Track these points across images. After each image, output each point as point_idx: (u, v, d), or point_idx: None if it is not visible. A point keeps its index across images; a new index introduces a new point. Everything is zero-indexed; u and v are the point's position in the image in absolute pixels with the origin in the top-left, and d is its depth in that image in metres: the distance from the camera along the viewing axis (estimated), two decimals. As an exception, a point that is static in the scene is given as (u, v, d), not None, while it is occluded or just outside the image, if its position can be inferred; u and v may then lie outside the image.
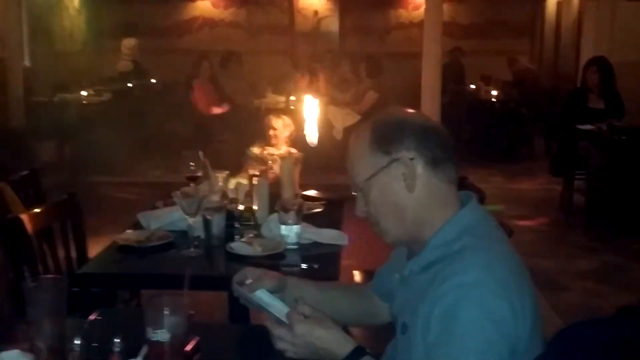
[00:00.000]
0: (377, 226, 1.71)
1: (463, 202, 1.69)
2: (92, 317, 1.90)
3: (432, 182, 1.64)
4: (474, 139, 10.32)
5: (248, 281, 1.83)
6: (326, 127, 7.44)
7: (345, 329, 1.74)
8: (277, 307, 1.70)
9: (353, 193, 1.72)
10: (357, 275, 3.71)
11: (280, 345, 1.65)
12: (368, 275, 3.79)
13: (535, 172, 8.87)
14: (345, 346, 1.63)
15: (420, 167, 1.62)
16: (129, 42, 10.79)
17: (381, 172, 1.64)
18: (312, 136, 3.66)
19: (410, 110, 1.75)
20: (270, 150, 4.99)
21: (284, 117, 5.17)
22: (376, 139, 1.65)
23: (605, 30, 8.18)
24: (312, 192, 3.80)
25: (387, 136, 1.64)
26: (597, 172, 6.36)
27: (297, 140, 5.17)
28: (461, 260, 1.55)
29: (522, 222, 6.69)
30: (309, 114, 3.81)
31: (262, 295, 1.75)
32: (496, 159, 9.65)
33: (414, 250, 1.71)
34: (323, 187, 4.20)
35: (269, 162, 4.86)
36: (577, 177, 6.99)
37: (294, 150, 4.97)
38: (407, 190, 1.63)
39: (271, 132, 5.01)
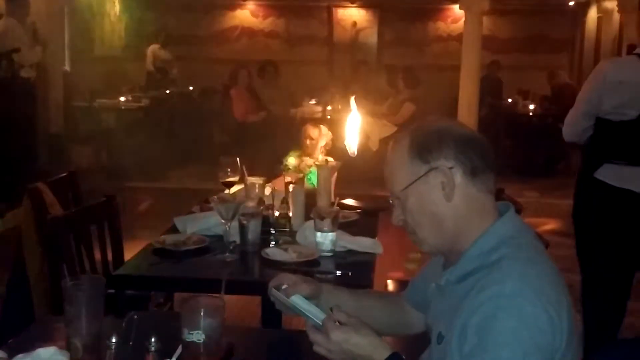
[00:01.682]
0: (414, 235, 1.70)
1: (501, 212, 1.68)
2: (129, 316, 1.92)
3: (471, 192, 1.63)
4: (510, 153, 10.25)
5: (284, 286, 1.84)
6: (362, 138, 7.44)
7: None
8: (313, 312, 1.71)
9: (390, 201, 1.72)
10: (391, 285, 3.71)
11: (317, 349, 1.66)
12: (401, 284, 3.78)
13: (572, 187, 8.73)
14: (382, 353, 1.62)
15: (459, 177, 1.61)
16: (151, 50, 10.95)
17: (419, 181, 1.63)
18: (352, 146, 3.65)
19: (450, 120, 1.74)
20: (307, 160, 4.99)
21: (321, 126, 5.17)
22: (415, 147, 1.64)
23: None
24: (349, 201, 3.80)
25: (426, 145, 1.63)
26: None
27: (333, 149, 5.18)
28: (498, 271, 1.54)
29: (557, 237, 6.61)
30: (350, 124, 3.80)
31: (298, 301, 1.76)
32: (533, 174, 9.56)
33: (451, 260, 1.70)
34: (359, 197, 4.20)
35: (305, 171, 4.86)
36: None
37: (331, 159, 4.98)
38: (446, 199, 1.62)
39: (308, 141, 5.02)
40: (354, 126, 3.78)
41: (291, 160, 5.04)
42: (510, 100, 10.81)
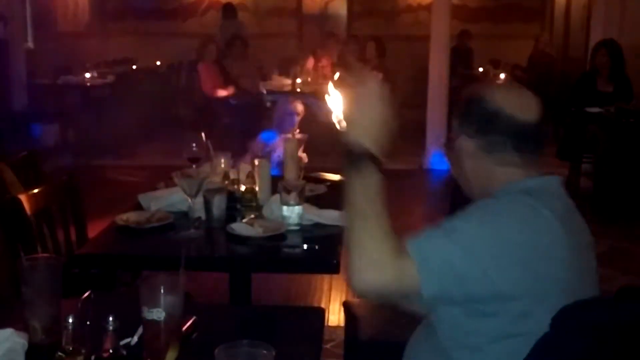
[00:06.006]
0: None
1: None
2: (85, 295, 1.87)
3: (485, 164, 1.78)
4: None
5: None
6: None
7: None
8: None
9: None
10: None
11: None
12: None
13: (543, 156, 8.79)
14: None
15: (473, 148, 1.77)
16: None
17: (458, 139, 1.81)
18: (342, 120, 3.59)
19: (503, 88, 1.96)
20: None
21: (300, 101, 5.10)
22: (465, 107, 1.81)
23: (615, 14, 8.08)
24: (332, 176, 3.75)
25: (462, 110, 1.82)
26: (604, 155, 6.30)
27: (304, 122, 5.13)
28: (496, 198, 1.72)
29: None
30: (336, 99, 3.73)
31: None
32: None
33: None
34: (328, 170, 4.17)
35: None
36: (584, 161, 6.93)
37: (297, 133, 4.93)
38: (464, 162, 1.80)
39: (297, 117, 4.93)
40: (340, 101, 3.71)
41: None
42: (481, 69, 10.79)
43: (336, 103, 3.70)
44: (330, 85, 3.35)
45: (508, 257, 1.57)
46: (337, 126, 3.55)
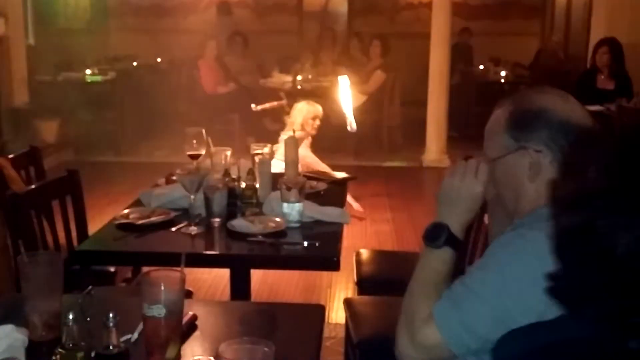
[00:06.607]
0: (490, 194, 1.75)
1: None
2: (86, 291, 1.87)
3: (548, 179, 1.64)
4: (482, 120, 10.22)
5: None
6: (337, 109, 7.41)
7: None
8: None
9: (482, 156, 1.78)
10: (365, 253, 3.65)
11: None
12: (375, 254, 3.75)
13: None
14: (443, 217, 1.72)
15: (547, 162, 1.62)
16: None
17: (509, 156, 1.66)
18: (353, 122, 3.57)
19: (556, 97, 1.69)
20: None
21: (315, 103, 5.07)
22: (511, 122, 1.66)
23: (616, 11, 8.07)
24: (341, 174, 3.75)
25: (521, 122, 1.65)
26: (605, 153, 6.29)
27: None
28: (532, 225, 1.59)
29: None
30: (346, 99, 3.68)
31: None
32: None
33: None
34: (331, 167, 4.17)
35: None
36: (585, 158, 6.93)
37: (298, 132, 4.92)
38: (529, 179, 1.64)
39: (313, 121, 4.89)
40: (350, 101, 3.69)
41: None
42: (481, 67, 10.78)
43: (347, 104, 3.69)
44: (338, 86, 3.32)
45: (533, 292, 1.45)
46: (348, 127, 3.55)
